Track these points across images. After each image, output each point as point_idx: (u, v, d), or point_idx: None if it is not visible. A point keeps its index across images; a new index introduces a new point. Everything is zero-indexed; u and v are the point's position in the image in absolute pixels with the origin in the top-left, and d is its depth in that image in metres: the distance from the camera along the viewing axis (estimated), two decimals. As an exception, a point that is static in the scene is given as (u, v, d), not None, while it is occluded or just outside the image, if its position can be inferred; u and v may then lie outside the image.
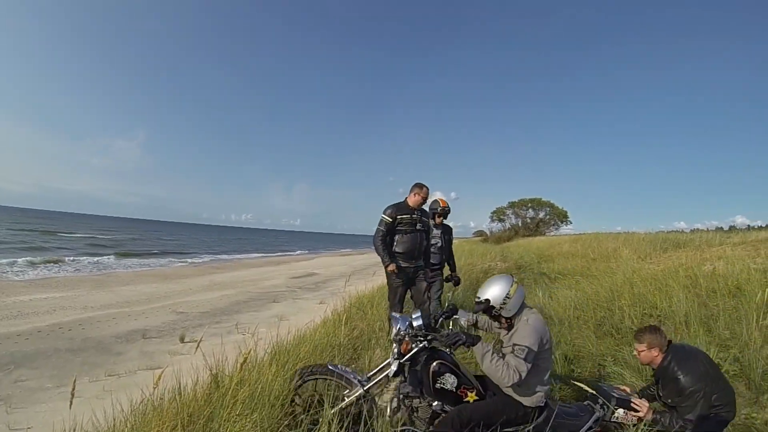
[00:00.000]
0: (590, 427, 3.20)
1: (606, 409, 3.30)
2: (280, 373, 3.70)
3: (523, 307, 3.29)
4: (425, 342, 3.20)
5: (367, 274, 16.50)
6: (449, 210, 6.91)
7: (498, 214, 52.87)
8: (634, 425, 3.27)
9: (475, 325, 3.81)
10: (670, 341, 3.60)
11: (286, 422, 3.23)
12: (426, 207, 6.22)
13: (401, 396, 3.28)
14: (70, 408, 2.99)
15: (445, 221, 7.08)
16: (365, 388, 3.30)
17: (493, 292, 3.23)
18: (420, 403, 3.19)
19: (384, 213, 5.92)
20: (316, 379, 3.58)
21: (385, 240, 5.88)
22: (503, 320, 3.32)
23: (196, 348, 3.97)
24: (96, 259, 27.20)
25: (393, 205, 5.96)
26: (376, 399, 3.47)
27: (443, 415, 3.11)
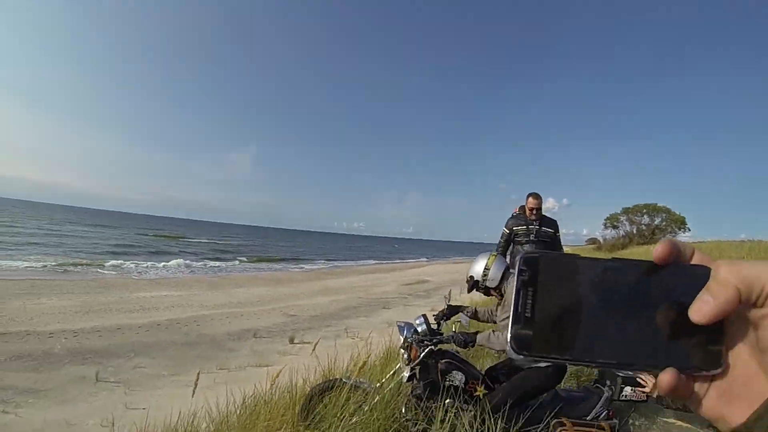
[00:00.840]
0: (602, 407, 3.23)
1: (614, 389, 3.30)
2: (392, 378, 3.57)
3: (507, 275, 3.44)
4: (431, 345, 3.28)
5: None
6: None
7: (611, 221, 49.74)
8: (644, 401, 3.34)
9: (474, 315, 3.80)
10: None
11: (395, 426, 3.22)
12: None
13: (414, 398, 3.33)
14: (192, 396, 3.19)
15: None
16: (379, 396, 3.37)
17: (474, 268, 3.48)
18: (433, 402, 3.22)
19: (505, 225, 6.05)
20: (338, 391, 3.52)
21: (504, 251, 6.01)
22: (492, 292, 3.49)
23: (313, 350, 3.98)
24: (220, 263, 28.76)
25: (512, 216, 6.06)
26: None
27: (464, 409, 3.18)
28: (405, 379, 3.34)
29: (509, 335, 0.39)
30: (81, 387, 5.59)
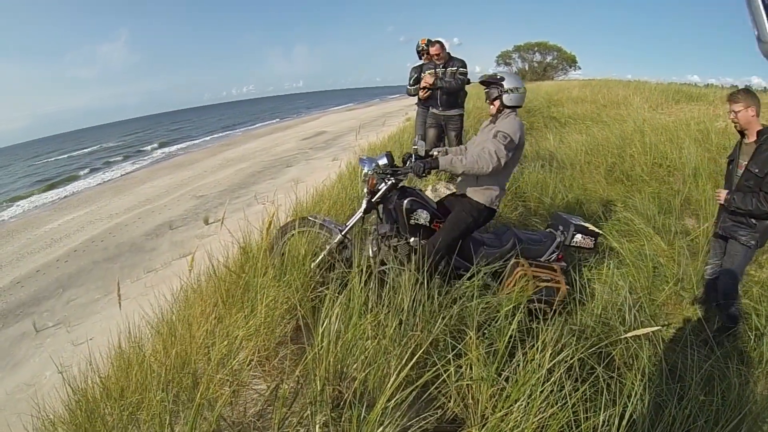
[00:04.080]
0: (553, 251, 3.50)
1: (566, 235, 3.52)
2: (304, 233, 3.71)
3: (515, 109, 3.40)
4: (392, 179, 3.29)
5: (376, 126, 16.42)
6: (428, 46, 6.31)
7: (503, 58, 50.37)
8: (591, 248, 3.59)
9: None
10: None
11: (317, 278, 3.29)
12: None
13: (379, 237, 3.42)
14: (120, 309, 3.07)
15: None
16: (343, 233, 3.42)
17: (512, 78, 3.37)
18: (398, 241, 3.35)
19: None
20: (299, 232, 3.64)
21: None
22: (497, 105, 3.39)
23: (221, 225, 4.00)
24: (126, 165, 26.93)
25: (424, 63, 6.37)
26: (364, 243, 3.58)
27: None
28: (361, 212, 3.38)
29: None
30: (25, 344, 5.56)
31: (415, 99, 6.70)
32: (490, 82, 3.37)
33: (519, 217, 5.32)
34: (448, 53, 6.08)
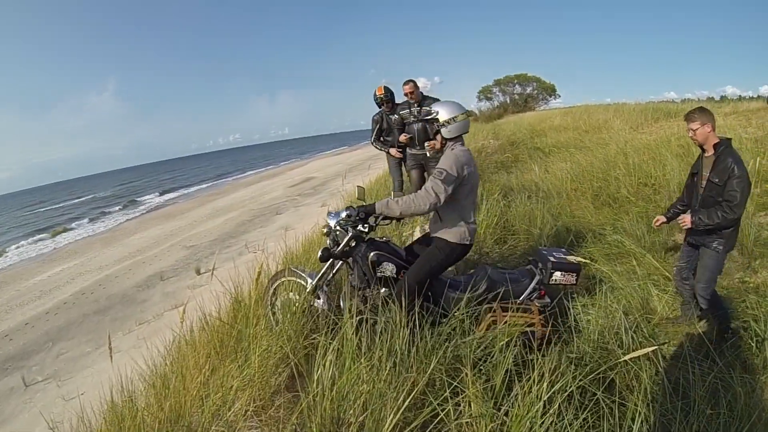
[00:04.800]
0: (533, 289, 3.41)
1: (544, 273, 3.40)
2: (291, 283, 3.72)
3: (459, 139, 3.39)
4: (351, 230, 3.28)
5: (362, 169, 16.61)
6: (386, 95, 6.57)
7: (485, 93, 51.21)
8: (573, 284, 3.46)
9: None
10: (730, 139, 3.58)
11: (309, 327, 3.29)
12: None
13: (352, 288, 3.41)
14: (112, 362, 3.06)
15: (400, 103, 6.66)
16: (312, 283, 3.50)
17: (446, 109, 3.30)
18: (370, 292, 3.36)
19: (396, 113, 6.51)
20: (288, 281, 3.73)
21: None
22: (437, 138, 3.41)
23: (211, 276, 3.99)
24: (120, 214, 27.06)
25: (398, 104, 6.55)
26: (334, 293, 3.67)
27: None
28: (319, 258, 3.32)
29: None
30: (14, 399, 5.43)
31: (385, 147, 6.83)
32: (428, 120, 3.40)
33: (509, 249, 5.34)
34: (421, 93, 6.20)
